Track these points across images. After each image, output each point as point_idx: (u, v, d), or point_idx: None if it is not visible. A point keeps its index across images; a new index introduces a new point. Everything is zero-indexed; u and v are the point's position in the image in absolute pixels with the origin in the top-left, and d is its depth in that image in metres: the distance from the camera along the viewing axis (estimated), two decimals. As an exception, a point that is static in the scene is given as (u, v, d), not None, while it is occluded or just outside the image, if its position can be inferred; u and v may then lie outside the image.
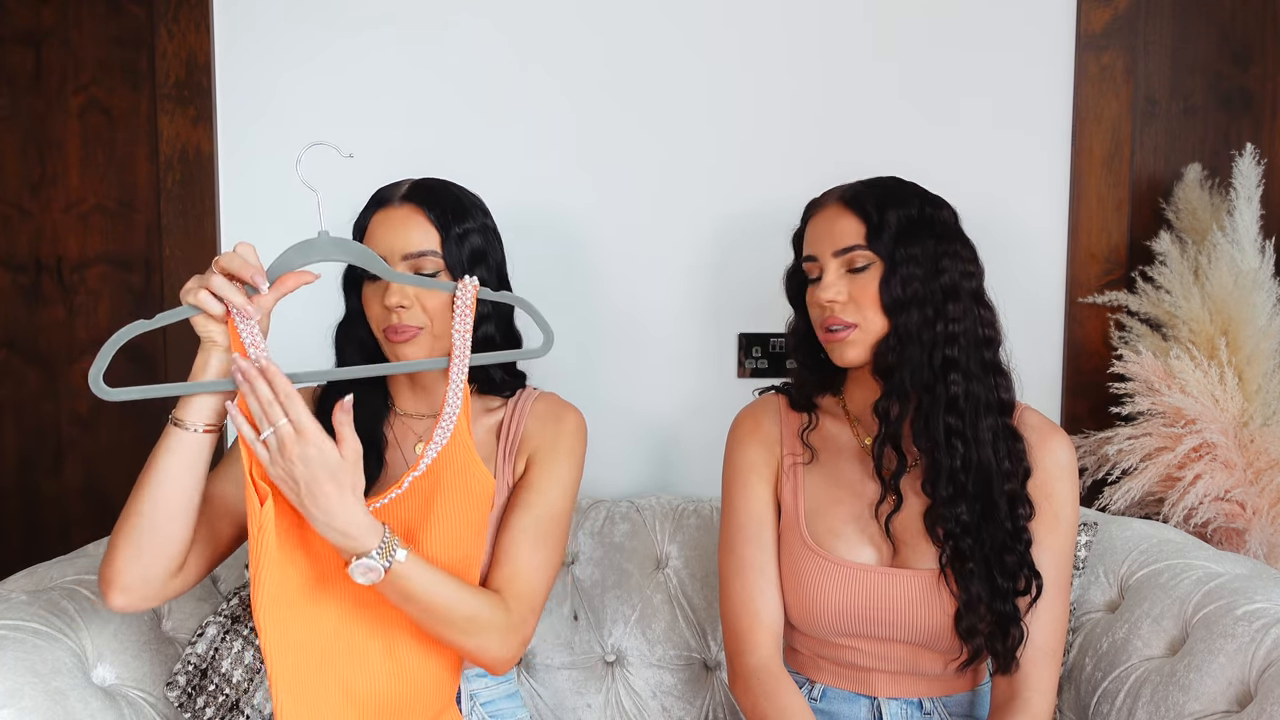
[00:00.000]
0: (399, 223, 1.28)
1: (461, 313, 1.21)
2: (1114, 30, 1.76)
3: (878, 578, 1.29)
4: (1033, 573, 1.27)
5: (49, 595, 1.31)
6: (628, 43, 1.79)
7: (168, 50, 1.80)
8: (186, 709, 1.34)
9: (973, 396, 1.27)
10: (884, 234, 1.26)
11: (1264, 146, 1.77)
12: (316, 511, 1.11)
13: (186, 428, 1.14)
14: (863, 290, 1.27)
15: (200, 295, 1.11)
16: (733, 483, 1.38)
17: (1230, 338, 1.65)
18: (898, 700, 1.33)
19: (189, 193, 1.82)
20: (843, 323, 1.27)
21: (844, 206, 1.30)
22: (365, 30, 1.79)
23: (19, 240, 1.89)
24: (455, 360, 1.20)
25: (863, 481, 1.33)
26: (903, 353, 1.26)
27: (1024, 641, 1.26)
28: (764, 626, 1.32)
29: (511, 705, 1.39)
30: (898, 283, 1.26)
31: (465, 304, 1.21)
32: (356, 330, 1.35)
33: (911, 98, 1.77)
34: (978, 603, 1.25)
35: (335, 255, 1.17)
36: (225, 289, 1.11)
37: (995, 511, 1.26)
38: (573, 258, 1.81)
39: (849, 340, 1.28)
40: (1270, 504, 1.63)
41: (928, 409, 1.27)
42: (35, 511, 1.94)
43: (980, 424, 1.27)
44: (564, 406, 1.38)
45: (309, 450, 1.09)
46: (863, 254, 1.27)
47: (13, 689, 1.14)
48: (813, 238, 1.32)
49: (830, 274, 1.28)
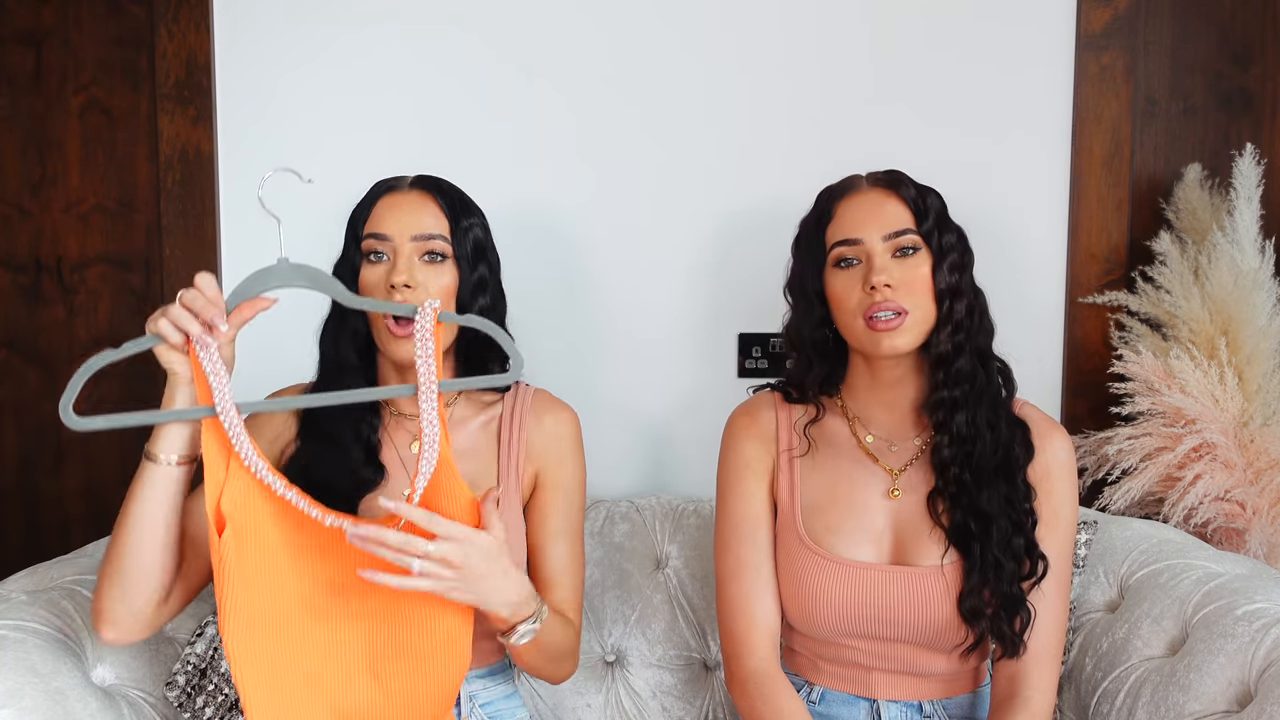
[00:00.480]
0: (411, 205, 1.29)
1: (423, 339, 1.15)
2: (1114, 30, 1.76)
3: (878, 575, 1.28)
4: (1038, 553, 1.27)
5: (49, 595, 1.31)
6: (628, 42, 1.78)
7: (168, 50, 1.80)
8: (186, 709, 1.34)
9: (994, 384, 1.30)
10: (929, 219, 1.28)
11: (1264, 146, 1.77)
12: (490, 595, 1.15)
13: (159, 461, 1.15)
14: (912, 275, 1.26)
15: (160, 324, 1.11)
16: (728, 480, 1.37)
17: (1230, 338, 1.65)
18: (898, 703, 1.32)
19: (189, 193, 1.82)
20: (896, 309, 1.24)
21: (888, 191, 1.29)
22: (366, 30, 1.79)
23: (19, 240, 1.89)
24: (423, 389, 1.14)
25: (861, 479, 1.33)
26: (958, 342, 1.28)
27: (1031, 622, 1.26)
28: (761, 629, 1.31)
29: (510, 706, 1.39)
30: (947, 269, 1.27)
31: (426, 329, 1.15)
32: (351, 321, 1.33)
33: (910, 98, 1.77)
34: (983, 586, 1.24)
35: (295, 281, 1.16)
36: (183, 318, 1.10)
37: (1013, 495, 1.27)
38: (572, 257, 1.81)
39: (901, 327, 1.25)
40: (1270, 504, 1.63)
41: (974, 399, 1.28)
42: (35, 511, 1.94)
43: (1000, 411, 1.30)
44: (561, 408, 1.40)
45: (468, 553, 1.11)
46: (911, 238, 1.27)
47: (13, 689, 1.14)
48: (854, 221, 1.28)
49: (880, 256, 1.26)
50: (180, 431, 1.15)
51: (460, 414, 1.38)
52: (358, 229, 1.32)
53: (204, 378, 1.11)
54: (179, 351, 1.12)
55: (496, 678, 1.38)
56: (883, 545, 1.30)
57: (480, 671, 1.36)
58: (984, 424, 1.28)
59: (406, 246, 1.27)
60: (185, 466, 1.16)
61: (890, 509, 1.31)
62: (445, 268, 1.29)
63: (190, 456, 1.16)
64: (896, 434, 1.35)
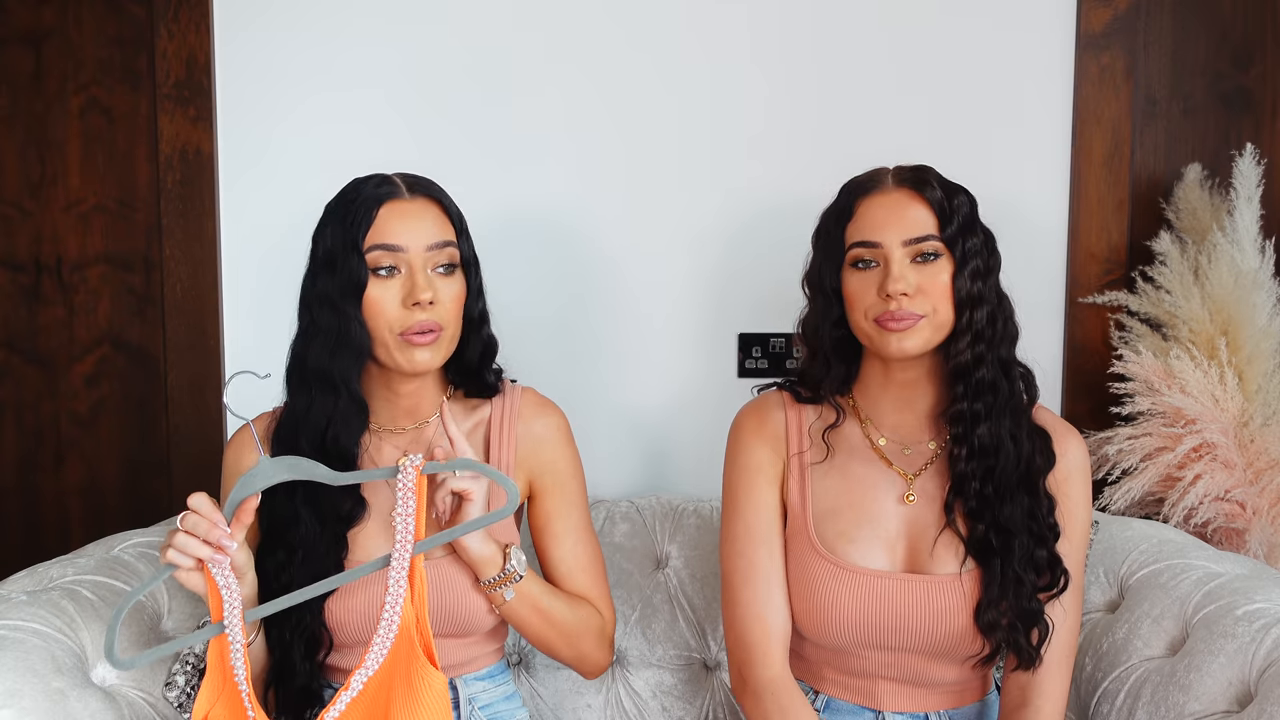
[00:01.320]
0: (419, 213, 1.24)
1: (404, 496, 1.14)
2: (1114, 30, 1.76)
3: (894, 584, 1.25)
4: (1060, 568, 1.25)
5: (49, 595, 1.31)
6: (629, 42, 1.78)
7: (168, 50, 1.80)
8: (186, 709, 1.34)
9: (1016, 394, 1.26)
10: (954, 224, 1.23)
11: (1264, 146, 1.76)
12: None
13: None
14: (932, 281, 1.23)
15: (170, 554, 1.14)
16: (738, 484, 1.33)
17: (1230, 338, 1.65)
18: (904, 715, 1.30)
19: (189, 193, 1.82)
20: (912, 315, 1.22)
21: (913, 192, 1.24)
22: (366, 30, 1.79)
23: (19, 240, 1.89)
24: (397, 551, 1.13)
25: (875, 482, 1.29)
26: (978, 351, 1.24)
27: (1049, 636, 1.24)
28: (775, 638, 1.28)
29: (510, 707, 1.38)
30: (968, 276, 1.23)
31: (408, 486, 1.14)
32: (353, 338, 1.22)
33: (911, 98, 1.77)
34: (1001, 598, 1.22)
35: (280, 475, 1.16)
36: (190, 546, 1.14)
37: (1036, 508, 1.24)
38: (572, 256, 1.81)
39: (915, 329, 1.22)
40: (1270, 504, 1.63)
41: (997, 411, 1.24)
42: (35, 511, 1.94)
43: (1022, 420, 1.26)
44: (548, 410, 1.38)
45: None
46: (933, 244, 1.23)
47: (13, 689, 1.14)
48: (874, 223, 1.24)
49: (898, 264, 1.22)
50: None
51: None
52: (355, 238, 1.22)
53: (217, 594, 1.15)
54: (195, 572, 1.15)
55: (496, 679, 1.38)
56: (897, 552, 1.27)
57: (479, 674, 1.36)
58: (1006, 436, 1.24)
59: (420, 258, 1.22)
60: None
61: (904, 514, 1.28)
62: (455, 277, 1.26)
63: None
64: (910, 437, 1.32)
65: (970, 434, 1.24)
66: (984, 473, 1.24)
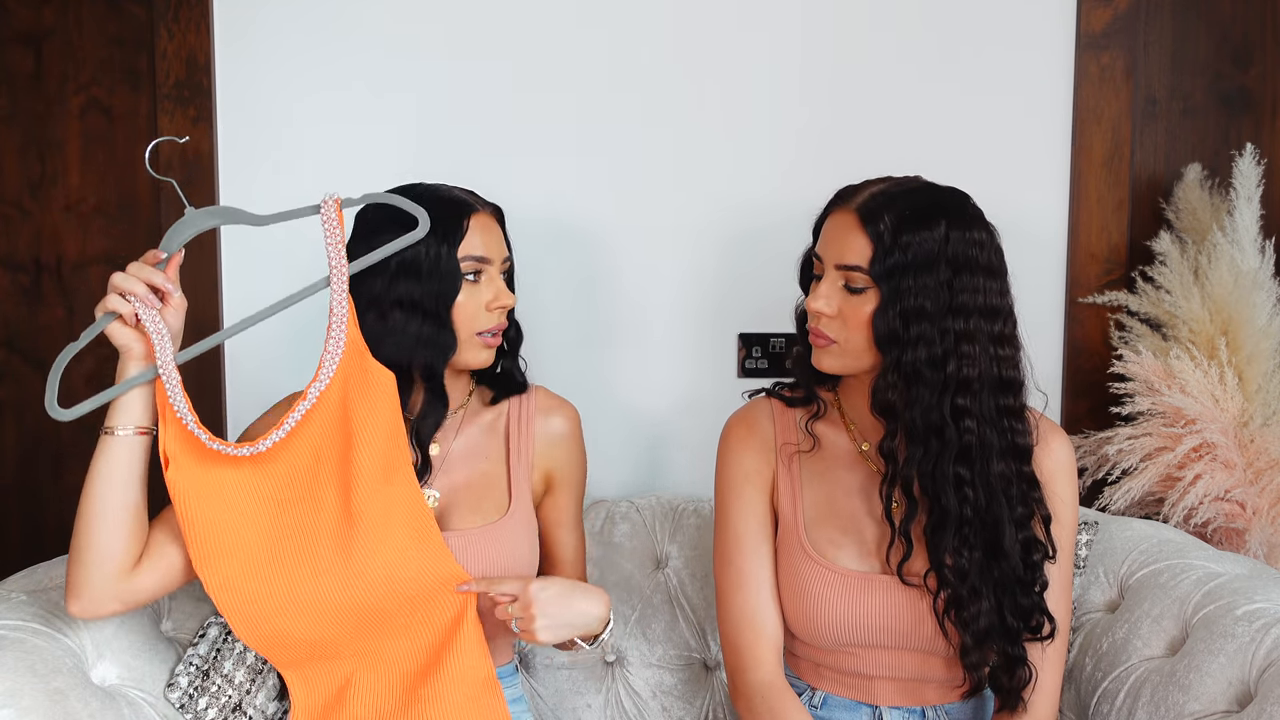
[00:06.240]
0: (493, 228, 1.35)
1: (331, 229, 1.25)
2: (1114, 30, 1.76)
3: (876, 585, 1.27)
4: (1046, 616, 1.25)
5: (49, 595, 1.31)
6: (631, 42, 1.78)
7: (168, 50, 1.80)
8: (188, 710, 1.34)
9: (986, 444, 1.21)
10: (890, 261, 1.18)
11: (1264, 146, 1.77)
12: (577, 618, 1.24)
13: (115, 433, 1.21)
14: (854, 311, 1.21)
15: (111, 300, 1.20)
16: (728, 492, 1.34)
17: (1230, 338, 1.65)
18: (900, 709, 1.31)
19: (189, 193, 1.81)
20: (824, 336, 1.24)
21: (858, 221, 1.21)
22: (366, 29, 1.79)
23: (19, 240, 1.89)
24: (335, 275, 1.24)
25: (860, 487, 1.31)
26: (908, 393, 1.20)
27: (1031, 682, 1.24)
28: (766, 641, 1.29)
29: (517, 710, 1.39)
30: (895, 316, 1.18)
31: (331, 219, 1.25)
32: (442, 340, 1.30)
33: (912, 99, 1.77)
34: (983, 641, 1.22)
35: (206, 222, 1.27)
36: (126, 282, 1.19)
37: (1005, 560, 1.22)
38: (573, 257, 1.81)
39: (827, 350, 1.25)
40: (1270, 504, 1.63)
41: (936, 454, 1.20)
42: (35, 511, 1.94)
43: (991, 471, 1.21)
44: (564, 406, 1.44)
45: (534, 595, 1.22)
46: (861, 277, 1.20)
47: (13, 689, 1.14)
48: (824, 238, 1.26)
49: (825, 284, 1.23)
50: (135, 402, 1.21)
51: (468, 414, 1.40)
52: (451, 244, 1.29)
53: (149, 342, 1.20)
54: (130, 327, 1.21)
55: (505, 680, 1.38)
56: (878, 555, 1.29)
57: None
58: (953, 485, 1.20)
59: (498, 268, 1.34)
60: (145, 435, 1.22)
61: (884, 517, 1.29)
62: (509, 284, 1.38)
63: (148, 427, 1.23)
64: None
65: (899, 474, 1.23)
66: (934, 525, 1.22)
